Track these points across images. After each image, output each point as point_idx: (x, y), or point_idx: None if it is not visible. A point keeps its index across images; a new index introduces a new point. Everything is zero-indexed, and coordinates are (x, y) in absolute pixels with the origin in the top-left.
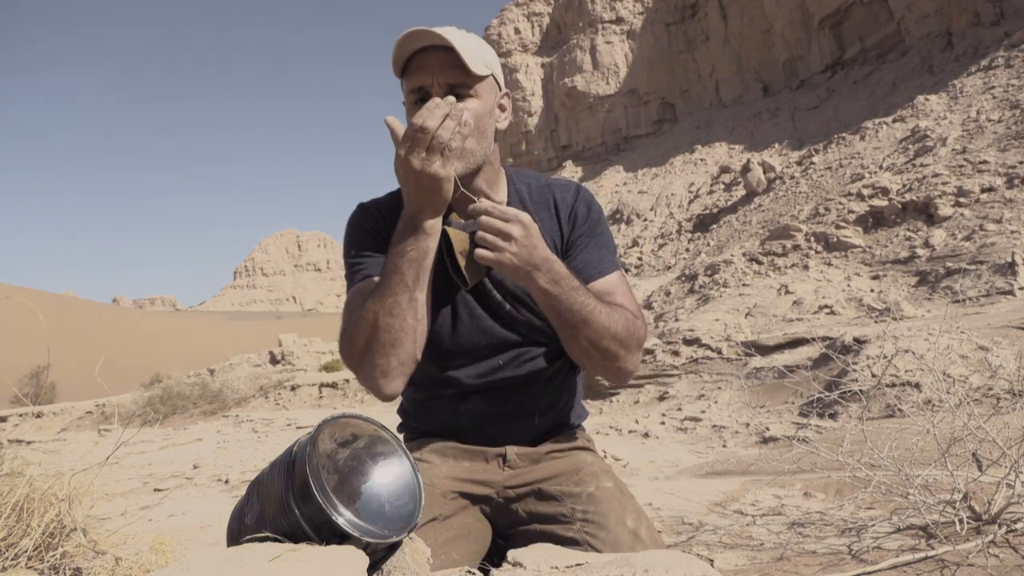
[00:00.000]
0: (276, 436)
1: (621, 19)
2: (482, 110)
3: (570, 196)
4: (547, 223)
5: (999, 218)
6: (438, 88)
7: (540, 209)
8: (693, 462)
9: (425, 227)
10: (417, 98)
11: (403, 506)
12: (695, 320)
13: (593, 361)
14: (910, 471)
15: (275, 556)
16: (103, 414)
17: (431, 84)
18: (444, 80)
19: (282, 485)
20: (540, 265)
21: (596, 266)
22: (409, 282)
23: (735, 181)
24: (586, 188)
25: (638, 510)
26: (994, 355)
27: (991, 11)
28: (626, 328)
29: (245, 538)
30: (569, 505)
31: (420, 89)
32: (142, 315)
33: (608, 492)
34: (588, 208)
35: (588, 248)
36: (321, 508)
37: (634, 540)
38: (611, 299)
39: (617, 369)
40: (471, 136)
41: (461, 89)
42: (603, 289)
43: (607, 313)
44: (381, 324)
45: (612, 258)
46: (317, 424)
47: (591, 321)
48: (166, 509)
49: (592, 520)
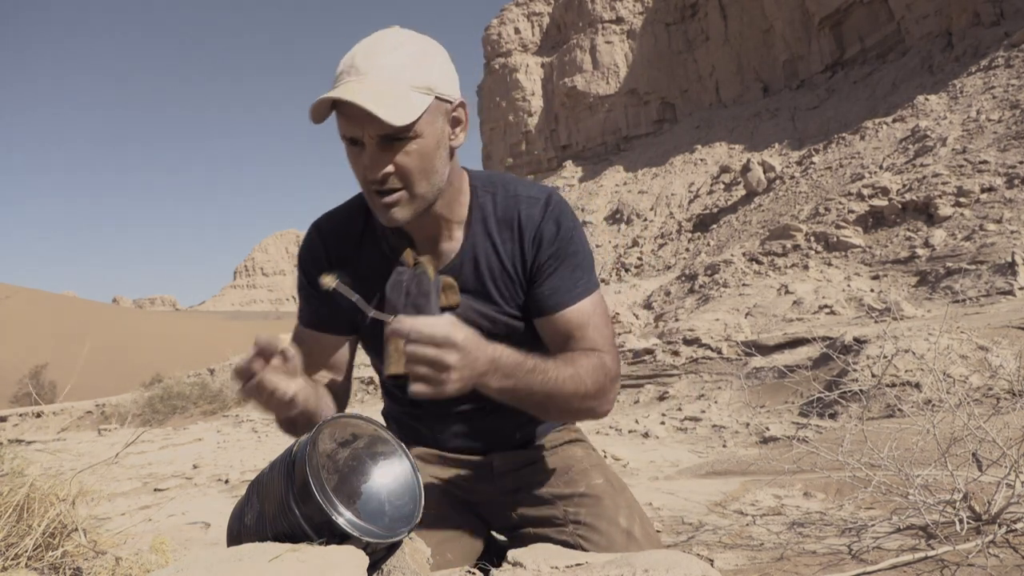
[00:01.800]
0: (276, 436)
1: (621, 19)
2: (427, 148)
3: (537, 213)
4: (508, 245)
5: (999, 218)
6: (369, 140)
7: (503, 228)
8: (693, 462)
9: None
10: (349, 145)
11: (403, 506)
12: (695, 320)
13: (568, 420)
14: (910, 471)
15: (275, 556)
16: (103, 414)
17: (361, 135)
18: (375, 133)
19: (282, 485)
20: (487, 372)
21: (565, 293)
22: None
23: (735, 181)
24: (558, 199)
25: (631, 505)
26: (994, 355)
27: (991, 11)
28: (596, 380)
29: (245, 538)
30: (561, 507)
31: (353, 140)
32: (142, 315)
33: (599, 490)
34: (557, 226)
35: (556, 273)
36: (321, 508)
37: (628, 540)
38: (581, 334)
39: (592, 416)
40: (418, 181)
41: (397, 140)
42: (573, 321)
43: (572, 375)
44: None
45: (586, 280)
46: (317, 424)
47: (556, 394)
48: (166, 509)
49: (584, 522)
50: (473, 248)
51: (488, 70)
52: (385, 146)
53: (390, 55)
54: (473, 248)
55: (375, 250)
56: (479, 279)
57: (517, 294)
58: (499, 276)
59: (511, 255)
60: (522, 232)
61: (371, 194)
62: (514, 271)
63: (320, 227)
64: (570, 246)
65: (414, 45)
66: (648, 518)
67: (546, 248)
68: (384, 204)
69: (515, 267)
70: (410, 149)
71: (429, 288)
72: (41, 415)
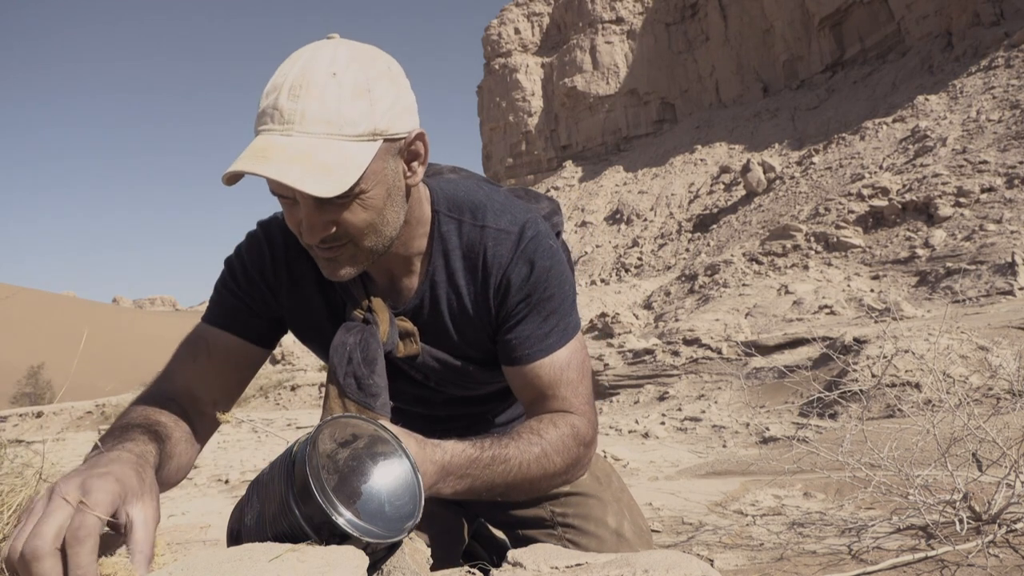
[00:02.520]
0: (276, 436)
1: (621, 19)
2: (375, 202)
3: (505, 252)
4: (471, 287)
5: (999, 218)
6: (305, 205)
7: (467, 266)
8: (693, 462)
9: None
10: (281, 198)
11: (403, 506)
12: (695, 320)
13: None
14: (910, 471)
15: (275, 556)
16: (103, 414)
17: (292, 195)
18: (311, 200)
19: (282, 485)
20: (437, 481)
21: (535, 344)
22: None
23: (735, 181)
24: (535, 231)
25: (619, 499)
26: (994, 355)
27: (991, 11)
28: (566, 456)
29: (245, 538)
30: (548, 508)
31: (285, 197)
32: (142, 315)
33: (585, 487)
34: (530, 267)
35: (526, 320)
36: (321, 508)
37: (618, 540)
38: (552, 392)
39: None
40: (367, 236)
41: (338, 199)
42: (543, 377)
43: (538, 456)
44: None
45: (562, 328)
46: (317, 424)
47: (521, 481)
48: (166, 509)
49: (572, 524)
50: (432, 288)
51: (488, 70)
52: (324, 205)
53: (322, 94)
54: (432, 288)
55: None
56: (439, 323)
57: (482, 340)
58: (461, 321)
59: (474, 298)
60: (487, 273)
61: (311, 247)
62: (477, 317)
63: (271, 234)
64: (543, 290)
65: (354, 71)
66: (638, 511)
67: (515, 295)
68: (326, 260)
69: (479, 312)
70: (354, 207)
71: (376, 353)
72: (41, 415)
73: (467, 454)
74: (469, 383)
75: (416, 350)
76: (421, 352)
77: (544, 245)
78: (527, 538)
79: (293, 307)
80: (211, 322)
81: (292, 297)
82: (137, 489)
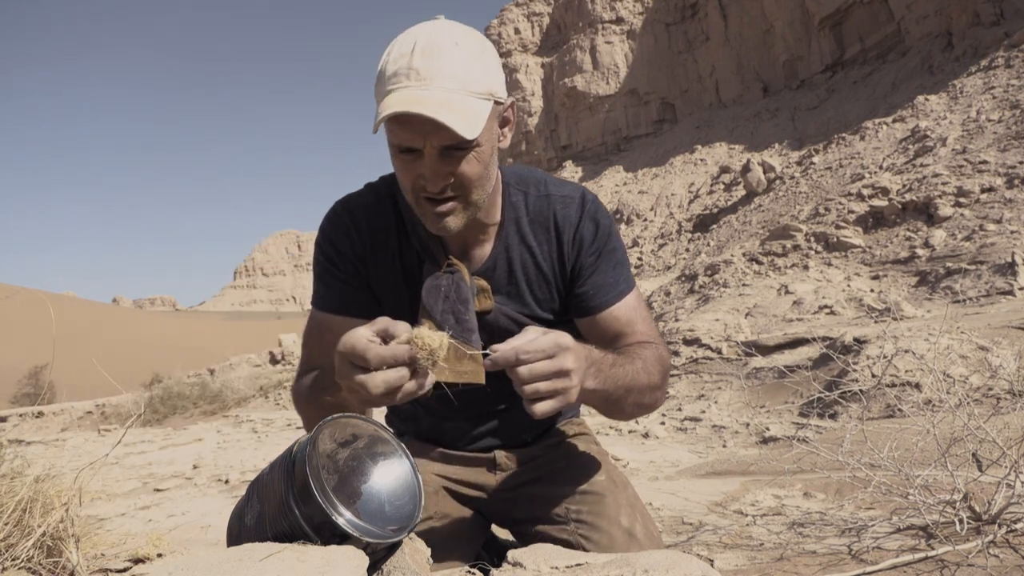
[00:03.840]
0: (276, 436)
1: (621, 19)
2: (485, 156)
3: (573, 213)
4: (545, 248)
5: (999, 218)
6: (431, 150)
7: (537, 230)
8: (693, 462)
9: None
10: (402, 152)
11: (403, 506)
12: (695, 320)
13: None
14: (910, 471)
15: (274, 555)
16: (103, 414)
17: (422, 146)
18: (438, 143)
19: (282, 485)
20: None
21: (609, 291)
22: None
23: (735, 181)
24: (592, 197)
25: (632, 503)
26: (994, 355)
27: (991, 11)
28: (660, 371)
29: (245, 538)
30: (563, 504)
31: (409, 150)
32: (142, 315)
33: (601, 487)
34: (596, 225)
35: (598, 271)
36: (321, 508)
37: (629, 539)
38: (631, 329)
39: (652, 408)
40: (475, 190)
41: (458, 150)
42: (621, 319)
43: (642, 368)
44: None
45: (627, 276)
46: (317, 424)
47: (633, 388)
48: (166, 509)
49: (585, 521)
50: (507, 251)
51: None
52: (446, 156)
53: (451, 56)
54: (507, 251)
55: (407, 246)
56: (513, 282)
57: (552, 297)
58: (534, 279)
59: (548, 257)
60: (560, 233)
61: (421, 201)
62: (552, 273)
63: (351, 209)
64: (609, 243)
65: (471, 43)
66: (650, 516)
67: (587, 249)
68: (437, 213)
69: (553, 269)
70: (471, 158)
71: (468, 294)
72: (41, 415)
73: (602, 353)
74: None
75: (489, 305)
76: (493, 309)
77: (602, 208)
78: (539, 533)
79: (376, 275)
80: (327, 309)
81: (375, 265)
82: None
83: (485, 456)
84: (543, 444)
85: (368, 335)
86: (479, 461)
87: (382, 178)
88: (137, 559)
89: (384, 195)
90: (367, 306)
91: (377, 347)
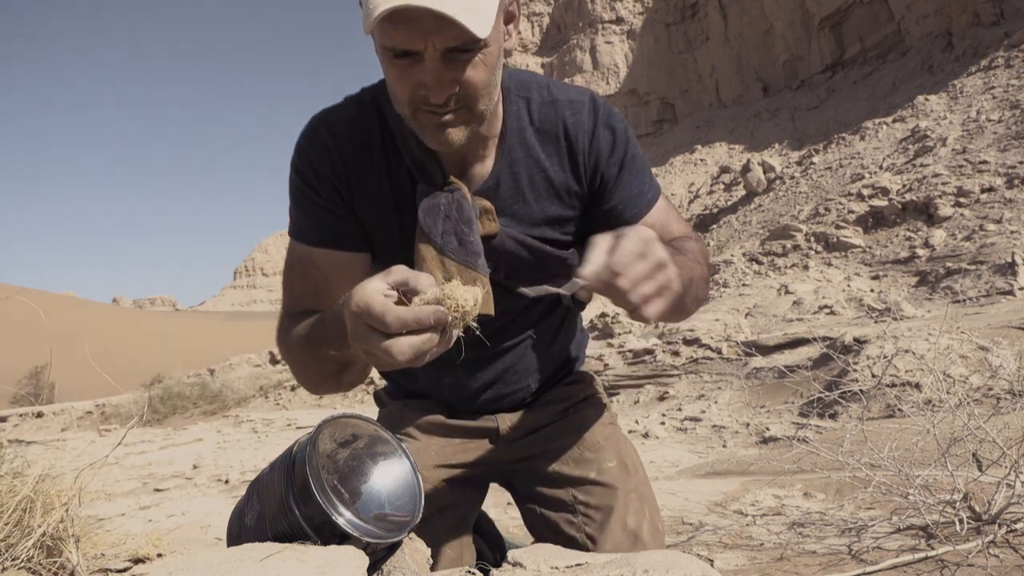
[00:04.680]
0: (276, 436)
1: (621, 19)
2: (492, 58)
3: (586, 120)
4: (555, 160)
5: (999, 218)
6: (433, 53)
7: (545, 140)
8: (693, 462)
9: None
10: (397, 56)
11: (403, 506)
12: (695, 320)
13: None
14: (910, 471)
15: (274, 555)
16: (103, 414)
17: (423, 48)
18: (441, 45)
19: (282, 485)
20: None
21: (639, 201)
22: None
23: (735, 181)
24: (602, 100)
25: (642, 496)
26: (994, 355)
27: (991, 11)
28: (706, 260)
29: (245, 538)
30: (570, 492)
31: (405, 53)
32: (142, 315)
33: (611, 476)
34: (612, 133)
35: (623, 183)
36: (321, 508)
37: (633, 543)
38: (667, 231)
39: (703, 302)
40: (481, 98)
41: (463, 52)
42: (656, 225)
43: (692, 259)
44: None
45: (651, 181)
46: (317, 424)
47: (694, 278)
48: (166, 509)
49: (592, 517)
50: (511, 166)
51: None
52: (449, 59)
53: None
54: (511, 166)
55: (397, 166)
56: (519, 201)
57: (566, 216)
58: (544, 196)
59: (560, 171)
60: (572, 144)
61: (419, 113)
62: (566, 189)
63: (330, 123)
64: (628, 150)
65: None
66: (655, 505)
67: (607, 160)
68: (439, 125)
69: (567, 185)
70: (477, 62)
71: (471, 214)
72: (41, 415)
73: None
74: (541, 270)
75: (495, 228)
76: (499, 232)
77: (614, 112)
78: (545, 519)
79: (361, 199)
80: (308, 241)
81: (360, 188)
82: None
83: (487, 425)
84: (550, 410)
85: (383, 289)
86: (481, 432)
87: (364, 89)
88: (137, 559)
89: (368, 107)
90: (353, 236)
91: (398, 310)
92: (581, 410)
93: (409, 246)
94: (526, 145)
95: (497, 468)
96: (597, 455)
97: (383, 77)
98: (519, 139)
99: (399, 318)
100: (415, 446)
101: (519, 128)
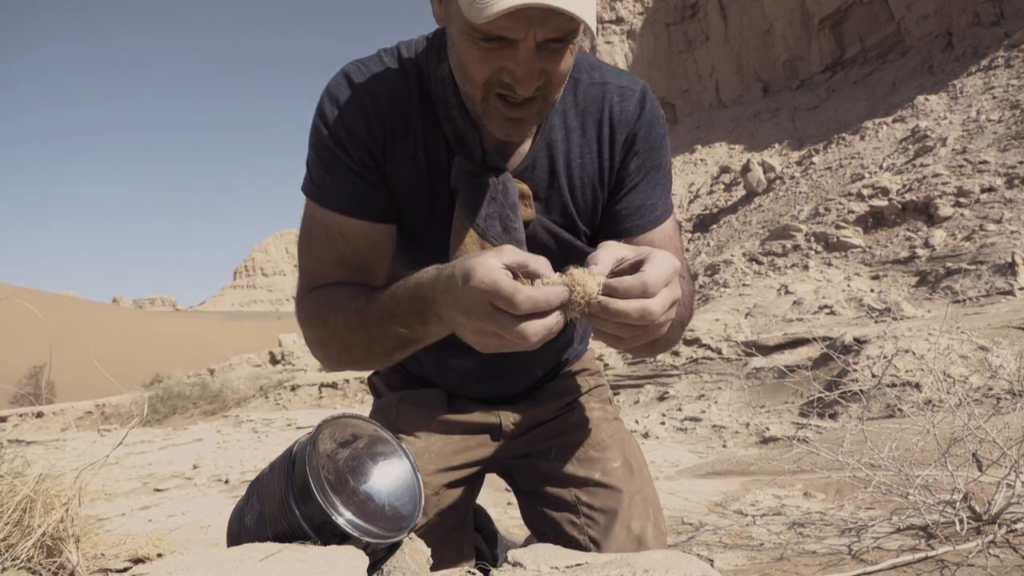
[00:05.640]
0: (276, 436)
1: (621, 19)
2: (576, 49)
3: (632, 108)
4: (594, 146)
5: (999, 218)
6: (530, 43)
7: (588, 123)
8: (693, 462)
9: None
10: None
11: (403, 506)
12: (695, 320)
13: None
14: (910, 471)
15: (274, 555)
16: (103, 414)
17: (523, 36)
18: (544, 35)
19: (282, 485)
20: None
21: (647, 213)
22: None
23: (735, 181)
24: (652, 95)
25: (646, 497)
26: (994, 355)
27: (991, 11)
28: (691, 307)
29: (245, 538)
30: (573, 492)
31: (501, 39)
32: (142, 315)
33: (615, 478)
34: (650, 128)
35: (643, 186)
36: (321, 508)
37: (637, 547)
38: None
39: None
40: (558, 88)
41: (557, 43)
42: (657, 244)
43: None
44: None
45: (667, 201)
46: (317, 424)
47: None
48: (166, 509)
49: (596, 520)
50: (548, 147)
51: None
52: (543, 49)
53: None
54: (548, 147)
55: (434, 136)
56: (554, 186)
57: (593, 208)
58: (578, 183)
59: (596, 155)
60: (613, 128)
61: (491, 99)
62: (598, 175)
63: (369, 82)
64: (659, 154)
65: None
66: (658, 504)
67: (637, 153)
68: (510, 119)
69: (601, 173)
70: (567, 52)
71: (516, 199)
72: (41, 415)
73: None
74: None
75: (531, 215)
76: (534, 220)
77: (661, 113)
78: (547, 518)
79: (393, 168)
80: (339, 209)
81: (393, 157)
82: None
83: (490, 421)
84: (553, 404)
85: (501, 266)
86: (482, 428)
87: (402, 45)
88: (137, 559)
89: (410, 70)
90: (385, 206)
91: (530, 290)
92: (585, 404)
93: (439, 220)
94: (567, 127)
95: (498, 463)
96: (602, 454)
97: (426, 35)
98: (561, 120)
99: (531, 298)
100: (415, 448)
101: (562, 110)
